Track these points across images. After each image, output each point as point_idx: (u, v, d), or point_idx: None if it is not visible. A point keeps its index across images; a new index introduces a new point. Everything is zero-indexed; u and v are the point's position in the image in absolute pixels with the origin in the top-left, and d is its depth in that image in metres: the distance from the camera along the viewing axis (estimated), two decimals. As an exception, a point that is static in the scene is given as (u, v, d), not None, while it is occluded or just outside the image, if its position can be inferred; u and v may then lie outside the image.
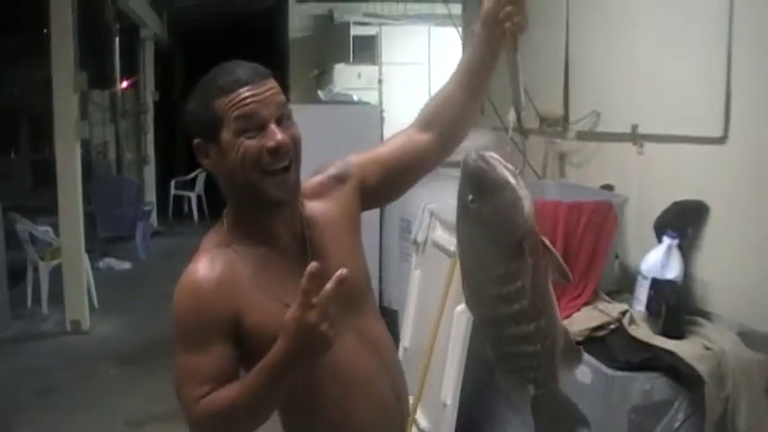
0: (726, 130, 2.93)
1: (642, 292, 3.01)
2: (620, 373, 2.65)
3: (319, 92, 7.12)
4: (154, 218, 11.26)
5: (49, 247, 7.08)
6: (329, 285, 1.34)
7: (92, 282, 6.94)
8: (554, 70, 4.37)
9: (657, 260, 2.99)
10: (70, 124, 6.27)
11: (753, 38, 2.81)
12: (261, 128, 1.48)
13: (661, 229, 3.08)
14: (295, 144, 1.52)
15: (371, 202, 1.78)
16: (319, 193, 1.69)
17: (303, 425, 1.67)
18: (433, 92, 1.80)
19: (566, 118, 4.32)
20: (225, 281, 1.53)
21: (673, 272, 2.95)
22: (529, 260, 1.35)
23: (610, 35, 3.85)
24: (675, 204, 3.11)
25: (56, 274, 6.73)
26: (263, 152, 1.48)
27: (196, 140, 1.55)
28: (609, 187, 3.72)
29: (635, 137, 3.54)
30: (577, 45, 4.22)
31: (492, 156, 1.36)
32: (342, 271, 1.36)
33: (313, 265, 1.36)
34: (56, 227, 6.77)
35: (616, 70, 3.78)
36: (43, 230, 7.11)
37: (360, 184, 1.72)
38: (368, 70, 9.41)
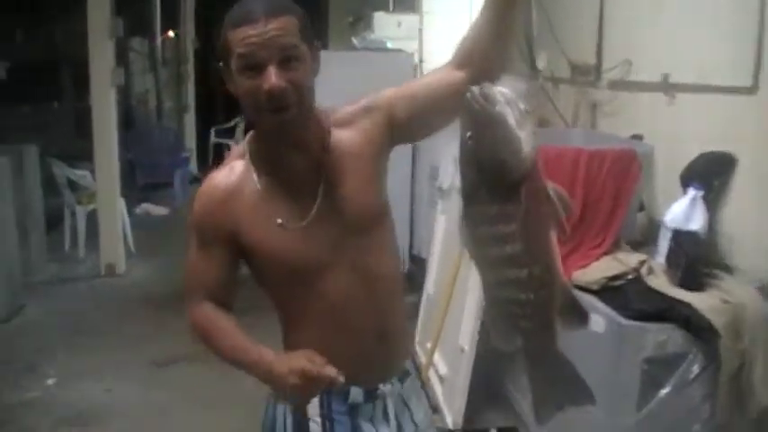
0: (756, 79, 2.86)
1: (664, 243, 2.98)
2: (633, 323, 2.62)
3: (353, 39, 7.06)
4: (195, 165, 11.30)
5: (86, 191, 7.14)
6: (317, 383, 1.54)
7: (128, 226, 7.01)
8: (587, 18, 4.30)
9: (681, 211, 2.95)
10: (106, 71, 6.31)
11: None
12: (260, 68, 1.50)
13: (687, 180, 3.04)
14: (295, 88, 1.52)
15: (401, 137, 1.75)
16: (347, 122, 1.71)
17: (294, 340, 1.72)
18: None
19: (598, 67, 4.25)
20: (234, 193, 1.64)
21: (695, 224, 2.91)
22: (524, 205, 1.30)
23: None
24: (702, 155, 3.06)
25: (93, 218, 6.79)
26: (258, 93, 1.50)
27: (220, 62, 1.60)
28: (639, 137, 3.66)
29: (666, 86, 3.48)
30: (612, -8, 4.14)
31: (500, 91, 1.29)
32: (339, 378, 1.52)
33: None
34: (95, 173, 6.79)
35: (648, 17, 3.70)
36: (80, 174, 7.14)
37: (389, 117, 1.70)
38: (408, 19, 9.22)
